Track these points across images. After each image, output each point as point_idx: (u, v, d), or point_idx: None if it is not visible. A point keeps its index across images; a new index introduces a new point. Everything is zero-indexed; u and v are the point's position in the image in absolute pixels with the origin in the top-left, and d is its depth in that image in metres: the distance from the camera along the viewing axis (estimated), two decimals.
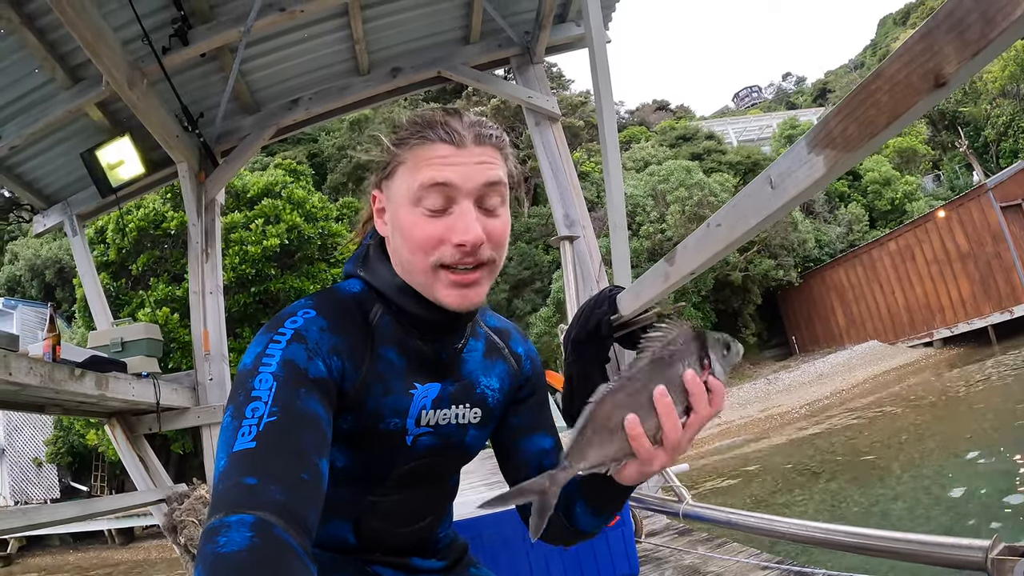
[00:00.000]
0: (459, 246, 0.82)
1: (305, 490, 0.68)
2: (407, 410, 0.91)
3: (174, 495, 3.26)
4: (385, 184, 0.91)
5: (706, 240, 1.52)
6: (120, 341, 3.74)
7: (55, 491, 16.72)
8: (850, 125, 0.96)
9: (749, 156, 25.85)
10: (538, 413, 1.10)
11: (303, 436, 0.72)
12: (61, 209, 4.55)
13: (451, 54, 4.22)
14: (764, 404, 15.80)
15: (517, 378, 1.07)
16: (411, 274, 0.87)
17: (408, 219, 0.85)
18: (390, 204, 0.90)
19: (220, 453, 0.71)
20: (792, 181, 1.14)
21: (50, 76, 3.67)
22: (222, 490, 0.66)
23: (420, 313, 0.90)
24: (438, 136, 0.84)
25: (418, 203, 0.83)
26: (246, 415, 0.72)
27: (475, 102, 28.42)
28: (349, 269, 0.99)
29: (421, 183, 0.83)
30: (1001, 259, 15.48)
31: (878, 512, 6.31)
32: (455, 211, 0.83)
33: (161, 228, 13.88)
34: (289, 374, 0.77)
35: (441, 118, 0.86)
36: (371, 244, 0.97)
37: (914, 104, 0.84)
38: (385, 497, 0.96)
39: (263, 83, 4.27)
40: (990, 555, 1.18)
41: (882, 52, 45.66)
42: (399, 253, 0.88)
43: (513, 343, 1.09)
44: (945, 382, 13.24)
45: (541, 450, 1.06)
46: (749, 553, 1.98)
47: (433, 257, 0.83)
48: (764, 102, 66.11)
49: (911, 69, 0.81)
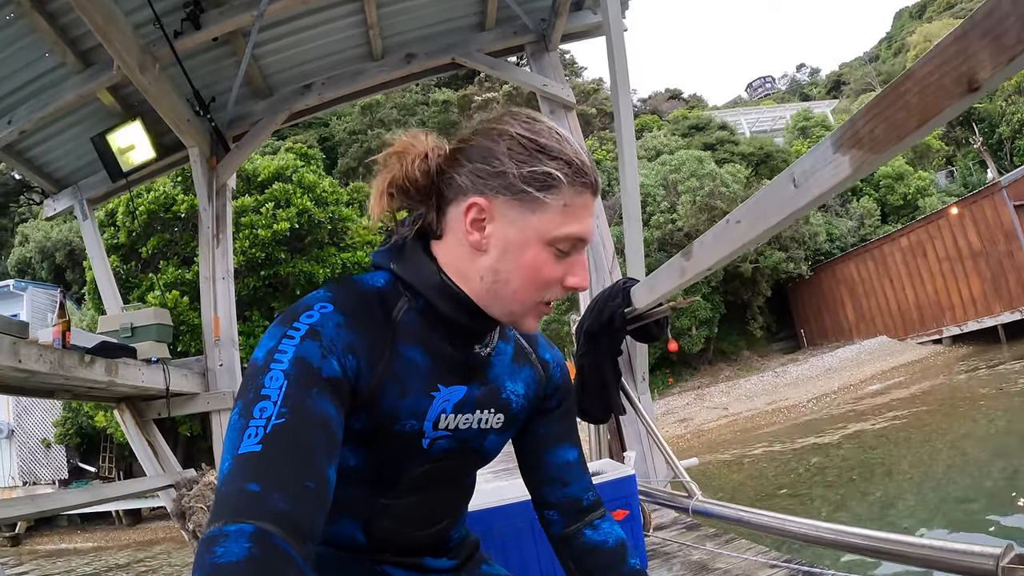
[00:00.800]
0: (568, 289, 0.87)
1: (309, 499, 0.67)
2: (425, 412, 0.88)
3: (183, 480, 3.27)
4: (507, 200, 0.83)
5: (725, 236, 1.51)
6: (130, 326, 3.74)
7: (63, 472, 16.91)
8: (878, 126, 0.94)
9: (762, 147, 25.62)
10: (565, 423, 1.09)
11: (312, 440, 0.70)
12: (71, 193, 4.55)
13: (466, 40, 4.18)
14: (772, 397, 15.76)
15: (544, 386, 1.05)
16: (508, 301, 0.87)
17: (537, 257, 0.84)
18: (509, 227, 0.84)
19: (225, 453, 0.69)
20: (816, 180, 1.12)
21: (60, 60, 3.65)
22: (223, 495, 0.65)
23: (455, 316, 0.88)
24: (591, 184, 0.86)
25: (553, 244, 0.84)
26: (254, 415, 0.70)
27: (487, 88, 28.34)
28: (379, 261, 0.94)
29: (570, 233, 0.84)
30: (1013, 258, 15.31)
31: (881, 506, 6.30)
32: (573, 255, 0.87)
33: (171, 211, 13.91)
34: (301, 372, 0.74)
35: (591, 165, 0.86)
36: (409, 238, 0.92)
37: (945, 107, 0.82)
38: (397, 500, 0.94)
39: (275, 67, 4.25)
40: (1001, 563, 1.16)
41: (897, 45, 45.14)
42: (502, 277, 0.85)
43: (541, 349, 1.08)
44: (954, 380, 13.16)
45: (565, 463, 1.07)
46: (758, 551, 1.97)
47: (544, 295, 0.86)
48: (777, 93, 65.42)
49: (943, 72, 0.79)
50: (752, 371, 19.10)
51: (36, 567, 13.12)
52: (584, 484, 1.08)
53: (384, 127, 28.08)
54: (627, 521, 1.97)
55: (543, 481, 1.07)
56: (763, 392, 16.41)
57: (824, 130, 28.68)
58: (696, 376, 19.71)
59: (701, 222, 19.85)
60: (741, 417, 14.98)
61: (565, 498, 1.06)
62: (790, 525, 1.68)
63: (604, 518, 1.08)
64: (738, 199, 20.26)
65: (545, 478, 1.06)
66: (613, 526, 1.08)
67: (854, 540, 1.49)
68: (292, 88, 4.36)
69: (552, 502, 1.07)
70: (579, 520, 1.06)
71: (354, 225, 16.07)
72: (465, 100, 28.85)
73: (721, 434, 14.17)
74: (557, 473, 1.06)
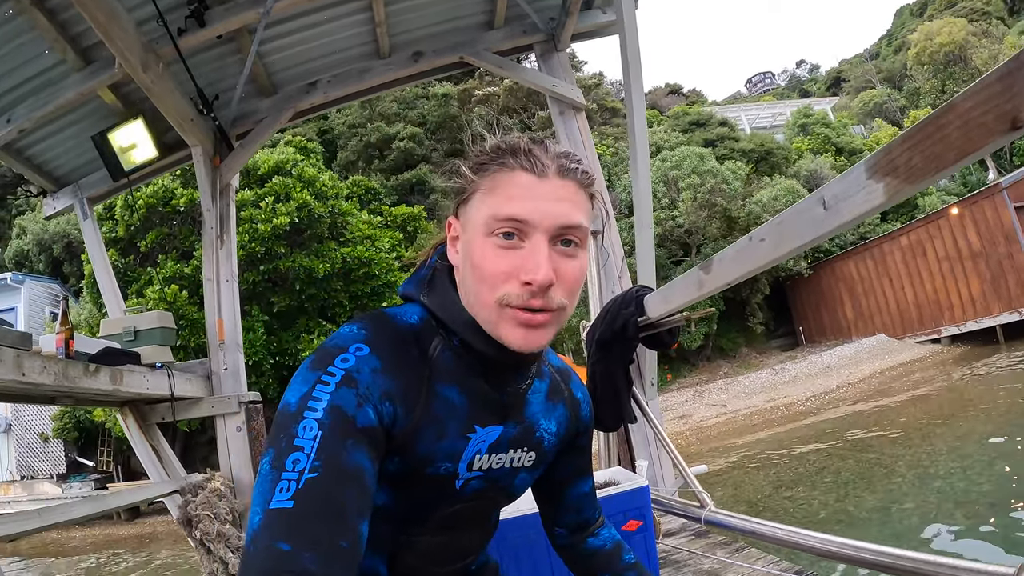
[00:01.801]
0: (526, 284, 0.77)
1: (341, 558, 0.65)
2: (461, 454, 0.87)
3: (188, 486, 3.24)
4: (462, 211, 0.86)
5: (747, 253, 1.50)
6: (133, 330, 3.70)
7: (61, 466, 16.90)
8: (915, 156, 0.93)
9: (763, 144, 25.57)
10: (586, 458, 1.12)
11: (345, 496, 0.68)
12: (72, 192, 4.51)
13: (474, 39, 4.14)
14: (770, 395, 15.79)
15: (575, 424, 1.05)
16: (477, 308, 0.82)
17: (479, 250, 0.80)
18: (464, 232, 0.85)
19: (256, 505, 0.68)
20: (848, 205, 1.11)
21: (61, 58, 3.60)
22: (253, 553, 0.64)
23: (487, 351, 0.84)
24: (519, 164, 0.80)
25: (491, 233, 0.79)
26: (286, 467, 0.68)
27: (488, 82, 28.19)
28: (410, 292, 0.93)
29: (495, 214, 0.79)
30: (1013, 259, 15.34)
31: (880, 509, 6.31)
32: (527, 247, 0.78)
33: (170, 205, 13.86)
34: (336, 423, 0.72)
35: (525, 145, 0.82)
36: (437, 268, 0.91)
37: (986, 144, 0.81)
38: (423, 538, 0.92)
39: (280, 65, 4.21)
40: None
41: (898, 43, 45.00)
42: (466, 284, 0.83)
43: (573, 386, 1.07)
44: (953, 380, 13.20)
45: (582, 495, 1.12)
46: (768, 560, 1.96)
47: (499, 293, 0.78)
48: (777, 89, 65.36)
49: (986, 108, 0.78)
50: (751, 368, 19.13)
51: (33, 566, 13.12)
52: (594, 507, 1.14)
53: (384, 120, 27.98)
54: (640, 531, 1.97)
55: (559, 509, 1.12)
56: (762, 389, 16.44)
57: (824, 127, 28.65)
58: (695, 373, 19.74)
59: (701, 219, 19.83)
60: (740, 414, 15.00)
61: (576, 521, 1.13)
62: (805, 539, 1.68)
63: (604, 525, 1.15)
64: (738, 196, 20.25)
65: (561, 507, 1.12)
66: (610, 531, 1.15)
67: (868, 556, 1.49)
68: (297, 86, 4.32)
69: (564, 523, 1.13)
70: (583, 533, 1.13)
71: (354, 219, 16.02)
72: (465, 94, 28.72)
73: (719, 431, 14.19)
74: (573, 504, 1.12)
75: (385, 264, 15.35)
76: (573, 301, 0.82)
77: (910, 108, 32.68)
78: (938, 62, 30.99)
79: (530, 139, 0.83)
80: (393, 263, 15.66)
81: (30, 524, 2.23)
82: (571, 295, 0.81)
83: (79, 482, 15.56)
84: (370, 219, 16.73)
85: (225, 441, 3.74)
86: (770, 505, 7.37)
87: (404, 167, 25.92)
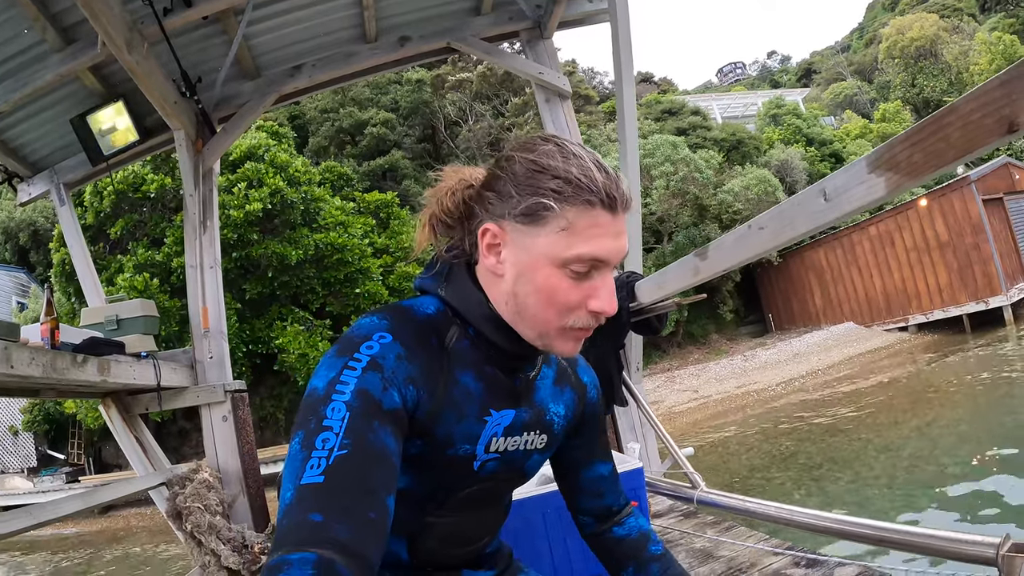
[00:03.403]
0: (594, 313, 0.83)
1: (371, 530, 0.68)
2: (478, 436, 0.91)
3: (175, 478, 3.18)
4: (515, 225, 0.84)
5: (745, 241, 1.55)
6: (115, 318, 3.62)
7: (32, 460, 16.57)
8: (916, 153, 0.99)
9: (734, 133, 25.87)
10: (597, 440, 1.15)
11: (374, 472, 0.72)
12: (48, 177, 4.38)
13: (461, 25, 4.12)
14: (741, 381, 16.12)
15: (582, 406, 1.10)
16: (531, 324, 0.86)
17: (551, 280, 0.82)
18: (520, 251, 0.84)
19: (287, 483, 0.71)
20: (848, 197, 1.17)
21: (40, 37, 3.49)
22: (287, 526, 0.66)
23: (503, 344, 0.90)
24: (600, 201, 0.81)
25: (566, 266, 0.81)
26: (315, 446, 0.71)
27: (461, 68, 27.96)
28: (427, 286, 0.96)
29: (578, 254, 0.80)
30: (980, 250, 15.90)
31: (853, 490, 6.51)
32: (595, 278, 0.83)
33: (141, 191, 13.57)
34: (363, 405, 0.75)
35: (603, 180, 0.81)
36: (454, 264, 0.95)
37: (985, 144, 0.88)
38: (442, 519, 0.97)
39: (265, 48, 4.14)
40: (1000, 551, 1.24)
41: (869, 36, 45.74)
42: (522, 300, 0.85)
43: (580, 371, 1.12)
44: (920, 367, 13.60)
45: (599, 477, 1.15)
46: (759, 538, 2.04)
47: (568, 320, 0.84)
48: (748, 79, 66.04)
49: (986, 112, 0.85)
50: (721, 354, 19.47)
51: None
52: (616, 492, 1.16)
53: (356, 105, 27.61)
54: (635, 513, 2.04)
55: (579, 493, 1.15)
56: (732, 375, 16.76)
57: (795, 118, 29.02)
58: (666, 359, 20.02)
59: (673, 207, 20.04)
60: (712, 400, 15.30)
61: (599, 507, 1.15)
62: (797, 516, 1.75)
63: (631, 515, 1.17)
64: (710, 185, 20.49)
65: (581, 491, 1.15)
66: (637, 520, 1.16)
67: (859, 530, 1.57)
68: (281, 69, 4.26)
69: (587, 509, 1.16)
70: (609, 521, 1.15)
71: (327, 206, 15.87)
72: (439, 80, 28.45)
73: (692, 416, 14.45)
74: (592, 487, 1.14)
75: (358, 250, 15.25)
76: None
77: (880, 101, 33.33)
78: (909, 56, 31.61)
79: (597, 165, 0.82)
80: (366, 249, 15.56)
81: (24, 523, 2.20)
82: None
83: (50, 475, 15.28)
84: (343, 205, 16.59)
85: (211, 431, 3.68)
86: (747, 486, 7.56)
87: (377, 153, 25.65)
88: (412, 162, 25.76)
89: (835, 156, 26.28)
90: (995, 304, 15.83)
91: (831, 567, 1.64)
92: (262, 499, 3.70)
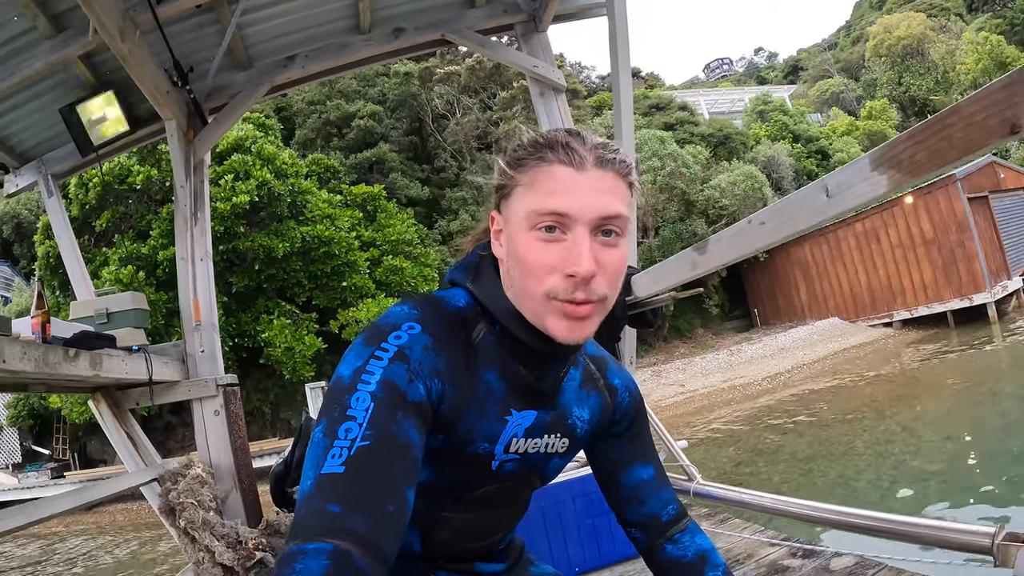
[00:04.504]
0: (569, 277, 0.78)
1: (389, 522, 0.68)
2: (498, 436, 0.90)
3: (167, 474, 3.13)
4: (504, 205, 0.88)
5: (745, 236, 1.57)
6: (105, 312, 3.54)
7: (17, 456, 16.35)
8: (919, 152, 1.02)
9: (721, 129, 26.02)
10: (638, 444, 1.09)
11: (395, 464, 0.71)
12: (35, 168, 4.30)
13: (456, 17, 4.10)
14: (727, 375, 16.25)
15: (612, 412, 1.05)
16: (523, 300, 0.84)
17: (523, 244, 0.82)
18: (507, 226, 0.87)
19: (307, 471, 0.70)
20: (851, 194, 1.19)
21: (31, 24, 3.43)
22: (304, 515, 0.66)
23: (528, 340, 0.87)
24: (557, 158, 0.81)
25: (533, 228, 0.81)
26: (338, 435, 0.71)
27: (449, 61, 27.83)
28: (457, 278, 0.95)
29: (536, 209, 0.80)
30: (964, 248, 16.18)
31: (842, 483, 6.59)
32: (569, 239, 0.80)
33: (127, 183, 13.40)
34: (388, 396, 0.75)
35: (563, 138, 0.82)
36: (484, 256, 0.95)
37: (987, 145, 0.90)
38: (457, 514, 0.97)
39: (258, 38, 4.10)
40: (995, 541, 1.27)
41: (856, 35, 46.07)
42: (512, 276, 0.85)
43: (610, 374, 1.07)
44: (904, 362, 13.78)
45: (640, 481, 1.07)
46: (754, 529, 2.07)
47: (545, 286, 0.80)
48: (735, 75, 66.31)
49: (989, 113, 0.87)
50: (707, 349, 19.61)
51: None
52: (662, 500, 1.08)
53: (344, 98, 27.42)
54: None
55: (621, 501, 1.08)
56: (718, 370, 16.89)
57: (782, 114, 29.21)
58: (652, 353, 20.13)
59: (660, 201, 20.14)
60: (698, 394, 15.41)
61: (644, 516, 1.07)
62: (793, 507, 1.78)
63: (686, 530, 1.07)
64: (697, 180, 20.60)
65: (622, 498, 1.08)
66: (694, 538, 1.07)
67: (855, 520, 1.59)
68: (274, 60, 4.22)
69: (633, 520, 1.08)
70: (661, 536, 1.07)
71: (313, 198, 15.78)
72: (427, 72, 28.30)
73: (679, 410, 14.54)
74: (632, 493, 1.07)
75: (345, 243, 15.17)
76: (615, 291, 0.83)
77: (866, 98, 33.59)
78: (896, 55, 31.88)
79: (567, 131, 0.84)
80: (353, 242, 15.48)
81: (17, 521, 2.18)
82: (613, 285, 0.82)
83: (36, 471, 15.10)
84: (330, 198, 16.49)
85: (203, 425, 3.64)
86: (733, 482, 7.63)
87: (364, 145, 25.48)
88: (399, 155, 25.61)
89: (821, 153, 26.51)
90: (979, 301, 16.11)
91: (827, 557, 1.67)
92: (255, 494, 3.66)
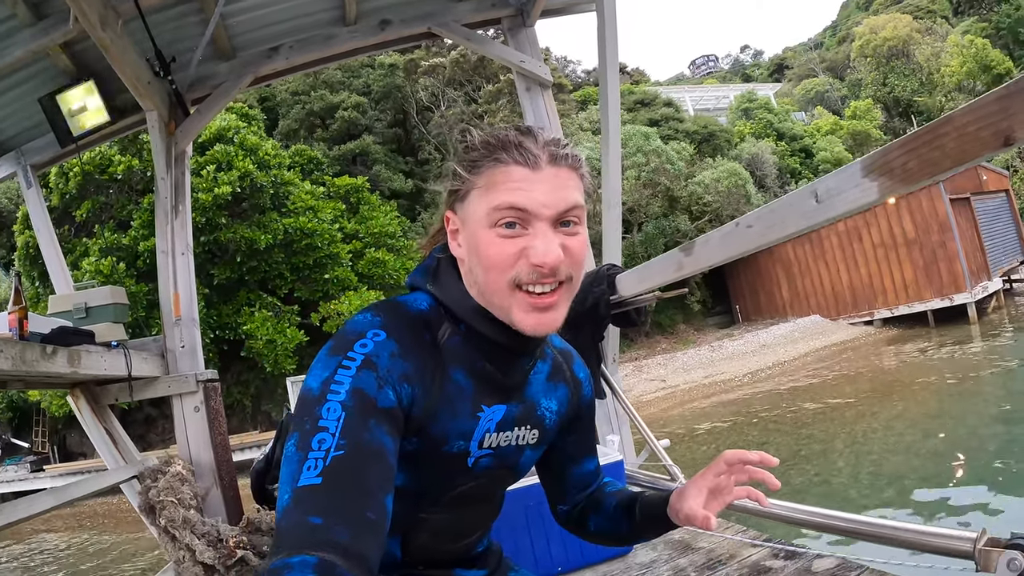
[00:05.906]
0: (537, 267, 0.81)
1: (370, 530, 0.68)
2: (472, 433, 0.91)
3: (147, 471, 3.08)
4: (458, 207, 0.89)
5: (732, 238, 1.57)
6: (84, 306, 3.48)
7: None
8: (912, 160, 1.02)
9: (706, 126, 26.12)
10: (588, 436, 1.15)
11: (371, 472, 0.72)
12: (14, 158, 4.21)
13: (443, 10, 4.06)
14: (708, 371, 16.35)
15: (576, 404, 1.09)
16: (488, 295, 0.86)
17: (484, 240, 0.83)
18: (465, 226, 0.88)
19: (284, 485, 0.70)
20: (841, 199, 1.19)
21: (10, 12, 3.35)
22: (285, 528, 0.66)
23: (493, 336, 0.89)
24: (512, 158, 0.82)
25: (493, 224, 0.82)
26: (312, 447, 0.71)
27: (434, 53, 27.66)
28: (417, 282, 0.97)
29: (496, 206, 0.81)
30: (946, 248, 16.48)
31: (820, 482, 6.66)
32: (531, 232, 0.82)
33: (107, 173, 13.17)
34: (358, 404, 0.75)
35: (515, 138, 0.84)
36: (442, 259, 0.95)
37: (979, 155, 0.90)
38: (435, 515, 0.97)
39: (242, 28, 4.03)
40: (977, 546, 1.28)
41: (842, 34, 46.44)
42: (475, 274, 0.86)
43: (576, 367, 1.10)
44: (884, 360, 13.97)
45: (587, 472, 1.15)
46: (736, 530, 2.07)
47: (510, 275, 0.82)
48: (720, 72, 66.58)
49: (982, 124, 0.87)
50: (688, 344, 19.72)
51: None
52: (599, 482, 1.18)
53: (328, 88, 27.18)
54: None
55: (568, 489, 1.15)
56: (700, 365, 17.00)
57: (767, 112, 29.38)
58: (633, 348, 20.20)
59: (644, 197, 20.18)
60: (679, 390, 15.49)
61: (581, 498, 1.16)
62: (775, 509, 1.79)
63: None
64: (681, 176, 20.67)
65: (568, 487, 1.15)
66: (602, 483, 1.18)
67: (840, 523, 1.61)
68: (258, 50, 4.15)
69: (568, 502, 1.17)
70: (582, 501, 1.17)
71: (296, 190, 15.63)
72: (412, 64, 28.11)
73: (660, 406, 14.63)
74: (580, 482, 1.15)
75: (328, 235, 15.05)
76: (580, 272, 0.87)
77: (851, 98, 33.90)
78: (881, 55, 32.17)
79: (516, 129, 0.86)
80: (336, 234, 15.37)
81: None
82: (577, 267, 0.86)
83: (14, 465, 14.88)
84: (312, 190, 16.34)
85: (183, 422, 3.58)
86: None
87: (347, 137, 25.29)
88: (383, 147, 25.44)
89: (805, 151, 26.72)
90: (960, 301, 16.42)
91: (809, 559, 1.68)
92: (235, 491, 3.64)
